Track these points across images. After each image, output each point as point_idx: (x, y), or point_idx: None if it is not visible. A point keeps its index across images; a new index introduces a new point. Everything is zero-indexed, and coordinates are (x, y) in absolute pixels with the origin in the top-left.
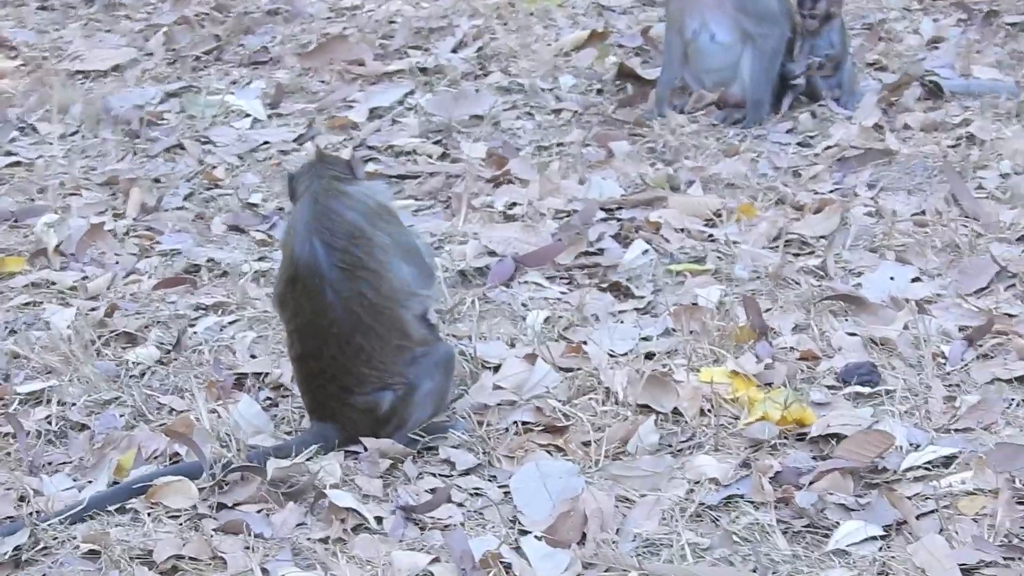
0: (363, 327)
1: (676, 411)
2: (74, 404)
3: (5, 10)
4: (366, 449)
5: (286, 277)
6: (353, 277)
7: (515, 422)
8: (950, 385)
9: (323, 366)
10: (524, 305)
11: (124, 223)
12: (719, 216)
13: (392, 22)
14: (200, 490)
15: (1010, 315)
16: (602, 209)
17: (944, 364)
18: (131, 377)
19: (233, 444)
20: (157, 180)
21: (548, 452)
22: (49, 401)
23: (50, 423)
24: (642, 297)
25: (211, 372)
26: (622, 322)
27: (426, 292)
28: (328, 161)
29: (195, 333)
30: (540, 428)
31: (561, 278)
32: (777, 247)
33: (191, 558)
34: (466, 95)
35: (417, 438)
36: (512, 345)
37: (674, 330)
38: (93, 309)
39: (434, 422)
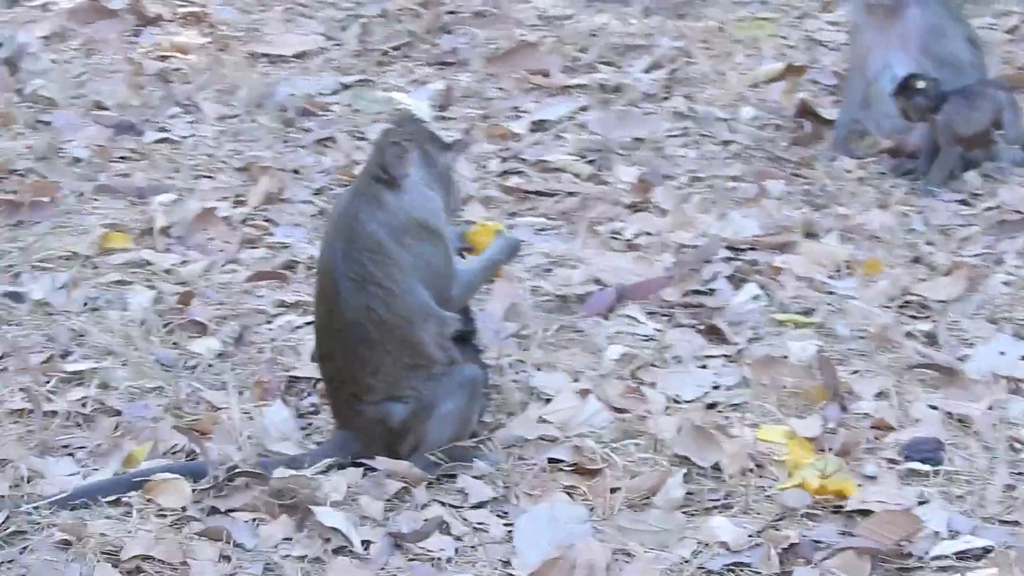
0: (369, 340)
1: (716, 467)
2: (116, 388)
3: None
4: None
5: (317, 270)
6: (363, 290)
7: (547, 459)
8: (1018, 473)
9: (335, 370)
10: (609, 338)
11: (243, 211)
12: (848, 268)
13: (594, 35)
14: (200, 491)
15: None
16: (730, 248)
17: (1020, 451)
18: (186, 368)
19: (248, 448)
20: (296, 171)
21: (569, 494)
22: (91, 383)
23: (84, 405)
24: (735, 344)
25: (265, 371)
26: (705, 367)
27: (443, 317)
28: (379, 150)
29: (270, 329)
30: (571, 468)
31: (662, 315)
32: (891, 307)
33: (159, 560)
34: (632, 116)
35: (438, 462)
36: (576, 379)
37: (750, 382)
38: (176, 295)
39: (460, 447)
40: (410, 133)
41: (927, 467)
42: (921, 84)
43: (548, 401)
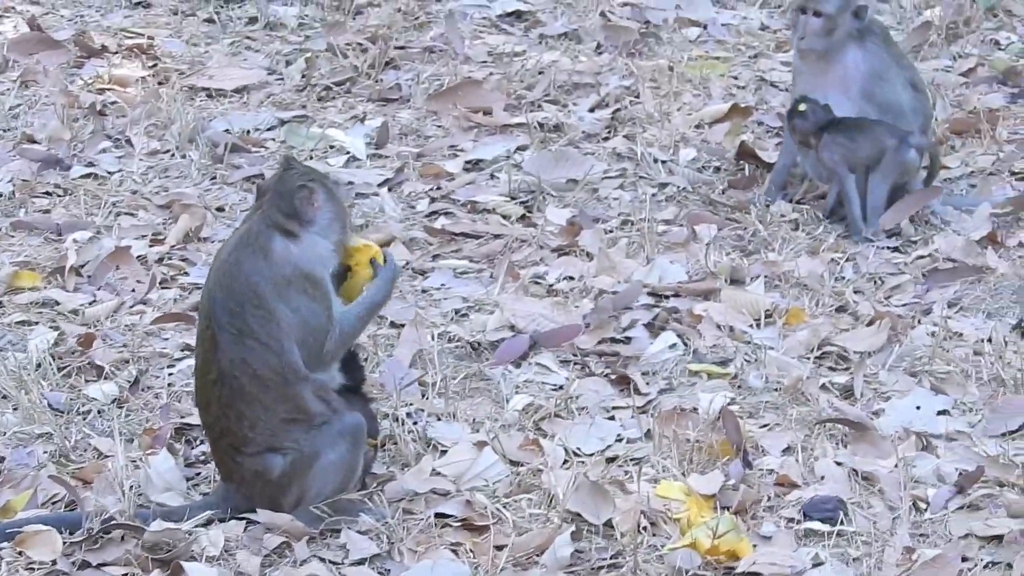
0: (246, 396)
1: (609, 524)
2: (3, 434)
3: (168, 18)
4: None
5: (197, 316)
6: (242, 344)
7: (435, 514)
8: (920, 535)
9: (212, 420)
10: (516, 387)
11: (159, 250)
12: (769, 316)
13: (542, 73)
14: (73, 544)
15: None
16: (652, 295)
17: (925, 510)
18: (78, 413)
19: (130, 499)
20: (220, 209)
21: (455, 551)
22: None
23: None
24: (646, 395)
25: (160, 418)
26: (612, 418)
27: (319, 377)
28: (282, 194)
29: (170, 374)
30: (459, 523)
31: (576, 363)
32: (809, 357)
33: None
34: (569, 157)
35: (322, 516)
36: (476, 430)
37: (654, 435)
38: (78, 336)
39: (346, 500)
40: (310, 174)
41: (826, 527)
42: (803, 107)
43: (444, 453)
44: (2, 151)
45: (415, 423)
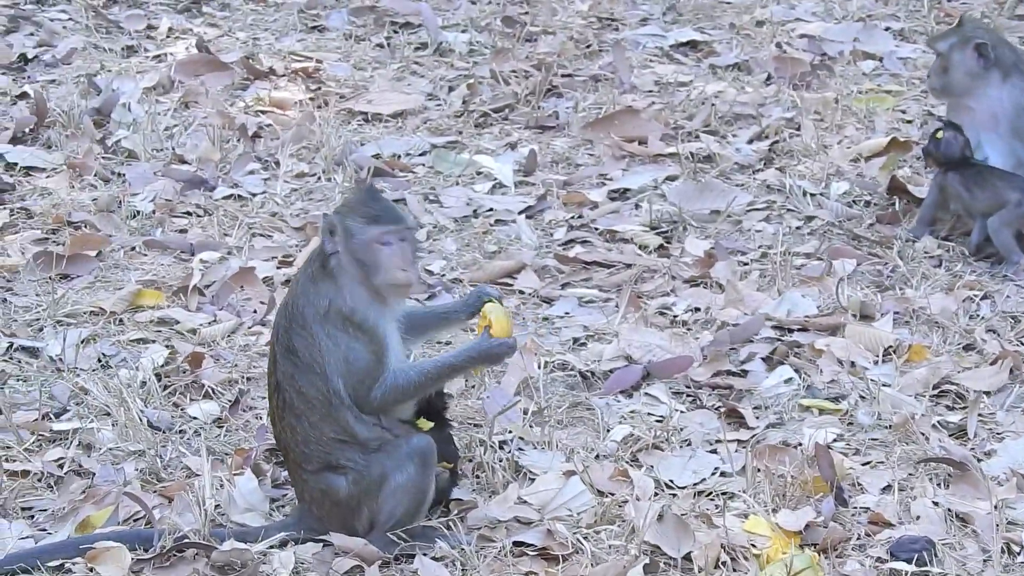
0: (295, 410)
1: (688, 558)
2: (98, 450)
3: (340, 43)
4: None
5: None
6: (291, 362)
7: (514, 542)
8: None
9: (277, 433)
10: (622, 418)
11: (288, 272)
12: (891, 353)
13: (704, 103)
14: (143, 561)
15: None
16: (778, 328)
17: (1019, 554)
18: (176, 432)
19: (210, 518)
20: None
21: None
22: (73, 444)
23: (61, 466)
24: (753, 429)
25: (254, 436)
26: (715, 452)
27: (359, 412)
28: (322, 223)
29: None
30: (537, 553)
31: (688, 395)
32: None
33: None
34: (713, 188)
35: (398, 541)
36: (568, 459)
37: (751, 469)
38: (188, 355)
39: (423, 526)
40: (345, 208)
41: (911, 567)
42: (940, 135)
43: (533, 481)
44: (150, 170)
45: (508, 451)
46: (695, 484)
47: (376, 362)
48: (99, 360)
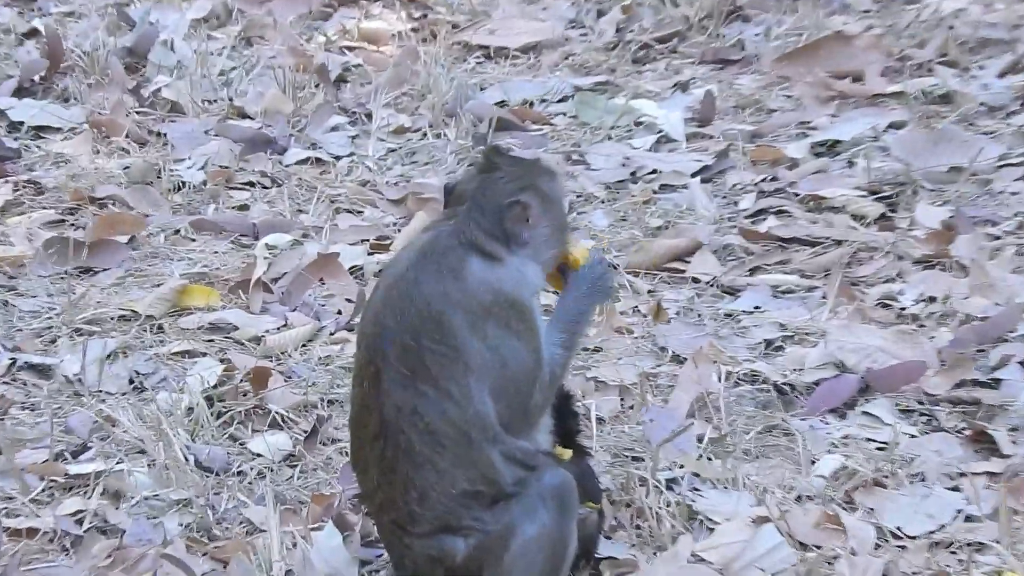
0: (415, 456)
1: None
2: (130, 499)
3: None
4: None
5: (357, 350)
6: (412, 388)
7: None
8: None
9: (372, 487)
10: (833, 445)
11: (383, 259)
12: None
13: (941, 26)
14: None
15: None
16: None
17: None
18: (234, 474)
19: None
20: None
21: None
22: (96, 491)
23: (80, 521)
24: (1009, 457)
25: (337, 479)
26: (957, 489)
27: (520, 443)
28: (486, 209)
29: None
30: None
31: (921, 413)
32: None
33: None
34: (952, 138)
35: None
36: (760, 501)
37: (1005, 513)
38: (251, 372)
39: None
40: (523, 179)
41: None
42: None
43: (712, 531)
44: (200, 128)
45: (678, 492)
46: (931, 532)
47: (534, 357)
48: (131, 381)
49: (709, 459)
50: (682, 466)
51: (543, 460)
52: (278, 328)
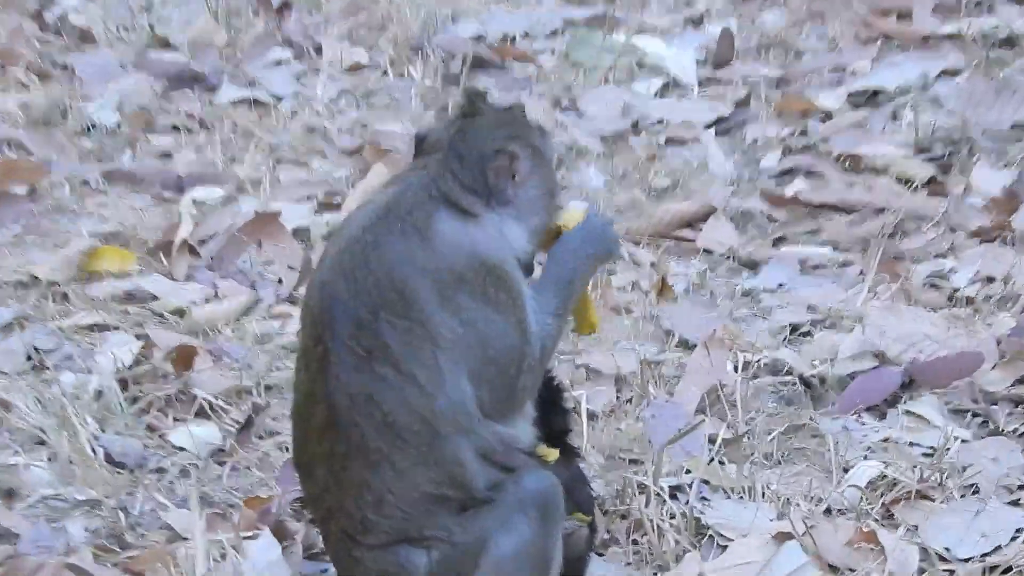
0: (370, 454)
1: None
2: (24, 498)
3: None
4: None
5: (301, 325)
6: (368, 372)
7: None
8: None
9: (317, 491)
10: (869, 450)
11: (333, 219)
12: None
13: None
14: None
15: None
16: None
17: None
18: (152, 471)
19: None
20: None
21: None
22: None
23: None
24: None
25: (275, 479)
26: (1019, 502)
27: (500, 430)
28: (464, 158)
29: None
30: None
31: (975, 413)
32: None
33: None
34: (1014, 88)
35: None
36: (782, 515)
37: None
38: (174, 351)
39: None
40: (510, 127)
41: None
42: None
43: (725, 549)
44: (115, 61)
45: (684, 501)
46: (985, 555)
47: (521, 333)
48: (29, 358)
49: (722, 464)
50: (689, 471)
51: (524, 460)
52: (206, 299)
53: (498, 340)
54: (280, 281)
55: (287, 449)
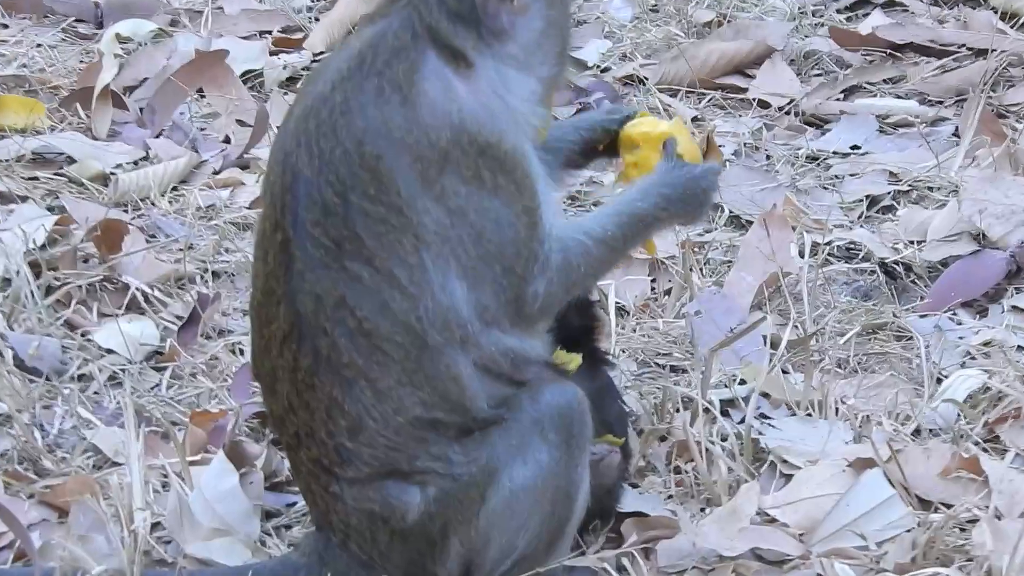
0: (343, 369)
1: None
2: None
3: None
4: None
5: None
6: (339, 269)
7: None
8: None
9: (281, 410)
10: (967, 356)
11: (293, 61)
12: None
13: None
14: None
15: None
16: None
17: None
18: (72, 379)
19: (134, 550)
20: None
21: None
22: None
23: None
24: None
25: (228, 390)
26: None
27: (505, 340)
28: None
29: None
30: None
31: None
32: None
33: None
34: None
35: None
36: (860, 437)
37: None
38: (96, 228)
39: (568, 568)
40: None
41: None
42: None
43: (790, 479)
44: None
45: (740, 420)
46: None
47: (528, 226)
48: None
49: (785, 372)
50: (744, 382)
51: (538, 373)
52: (135, 162)
53: (496, 233)
54: (227, 140)
55: (242, 352)
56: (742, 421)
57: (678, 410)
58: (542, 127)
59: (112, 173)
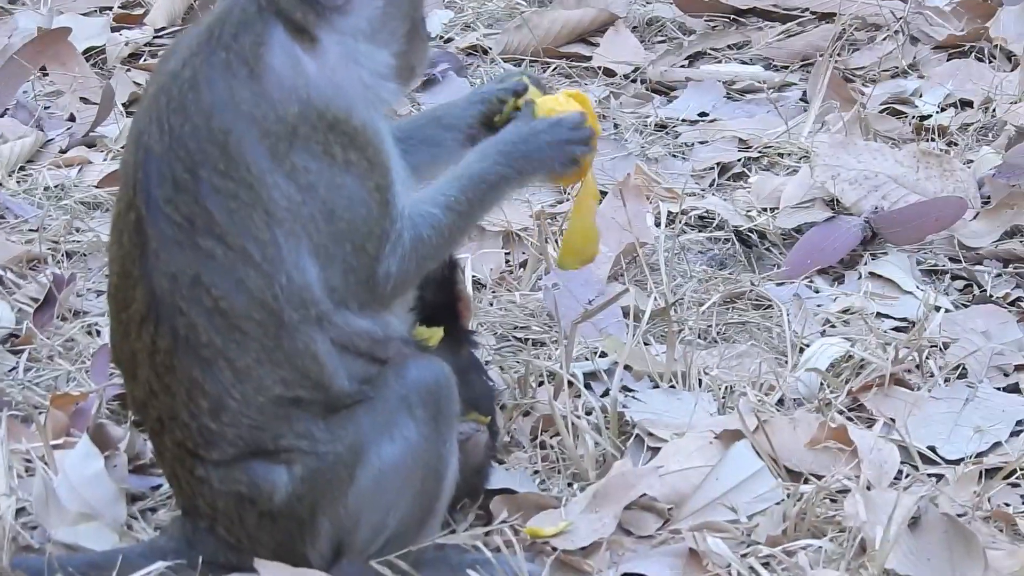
0: (201, 349)
1: None
2: None
3: None
4: None
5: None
6: (192, 247)
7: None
8: None
9: (143, 395)
10: (827, 323)
11: (134, 37)
12: None
13: None
14: None
15: None
16: None
17: None
18: None
19: (3, 534)
20: None
21: None
22: None
23: None
24: None
25: (87, 371)
26: (1018, 388)
27: (359, 322)
28: None
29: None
30: None
31: (955, 275)
32: None
33: None
34: None
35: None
36: (725, 408)
37: None
38: None
39: (438, 547)
40: None
41: None
42: None
43: (657, 452)
44: None
45: (603, 393)
46: (980, 455)
47: (379, 203)
48: None
49: (647, 344)
50: (606, 354)
51: (399, 349)
52: None
53: (347, 211)
54: (72, 119)
55: (99, 333)
56: (606, 394)
57: (541, 384)
58: (396, 102)
59: None
